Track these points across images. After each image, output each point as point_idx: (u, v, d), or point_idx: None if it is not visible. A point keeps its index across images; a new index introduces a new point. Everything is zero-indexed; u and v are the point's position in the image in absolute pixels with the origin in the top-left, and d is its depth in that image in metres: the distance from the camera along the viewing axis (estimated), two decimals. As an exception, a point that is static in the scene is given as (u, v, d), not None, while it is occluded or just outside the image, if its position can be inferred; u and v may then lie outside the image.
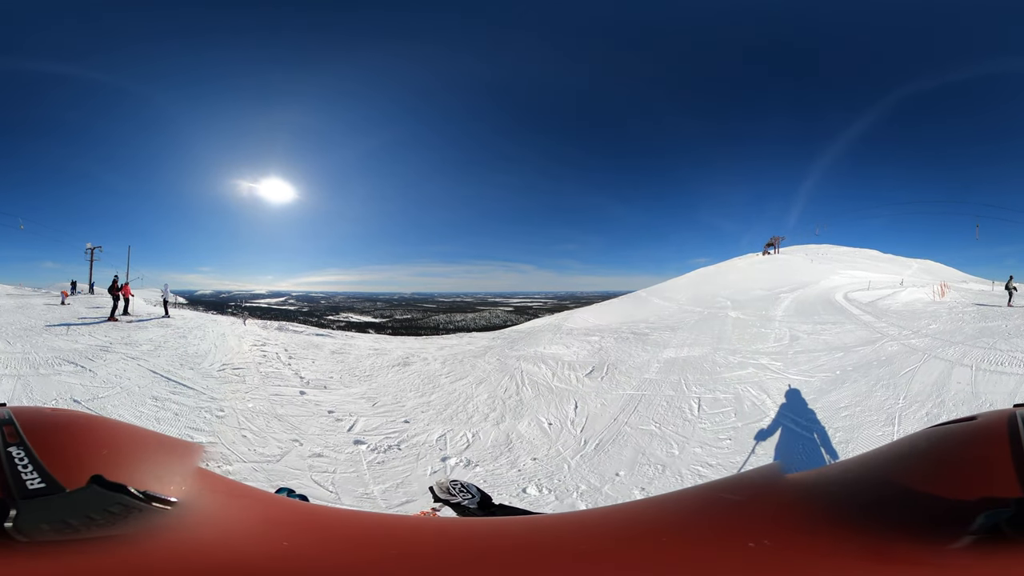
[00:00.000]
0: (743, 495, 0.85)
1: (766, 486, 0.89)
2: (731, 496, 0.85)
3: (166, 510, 0.72)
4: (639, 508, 0.90)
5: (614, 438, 6.95)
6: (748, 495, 0.85)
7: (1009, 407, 0.83)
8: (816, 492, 0.82)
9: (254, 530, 0.80)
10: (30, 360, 9.46)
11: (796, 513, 0.77)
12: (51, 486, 0.69)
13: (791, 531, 0.73)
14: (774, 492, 0.85)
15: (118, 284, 16.57)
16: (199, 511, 0.77)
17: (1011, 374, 7.78)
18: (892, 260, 47.48)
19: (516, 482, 5.85)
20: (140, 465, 0.85)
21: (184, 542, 0.69)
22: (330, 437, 7.04)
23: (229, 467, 5.78)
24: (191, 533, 0.71)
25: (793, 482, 0.87)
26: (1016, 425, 0.75)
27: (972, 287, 25.92)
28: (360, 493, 5.44)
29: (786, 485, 0.87)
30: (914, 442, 0.87)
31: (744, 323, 15.69)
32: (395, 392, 9.74)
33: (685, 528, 0.79)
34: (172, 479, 0.82)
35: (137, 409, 7.35)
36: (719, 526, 0.77)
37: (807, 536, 0.71)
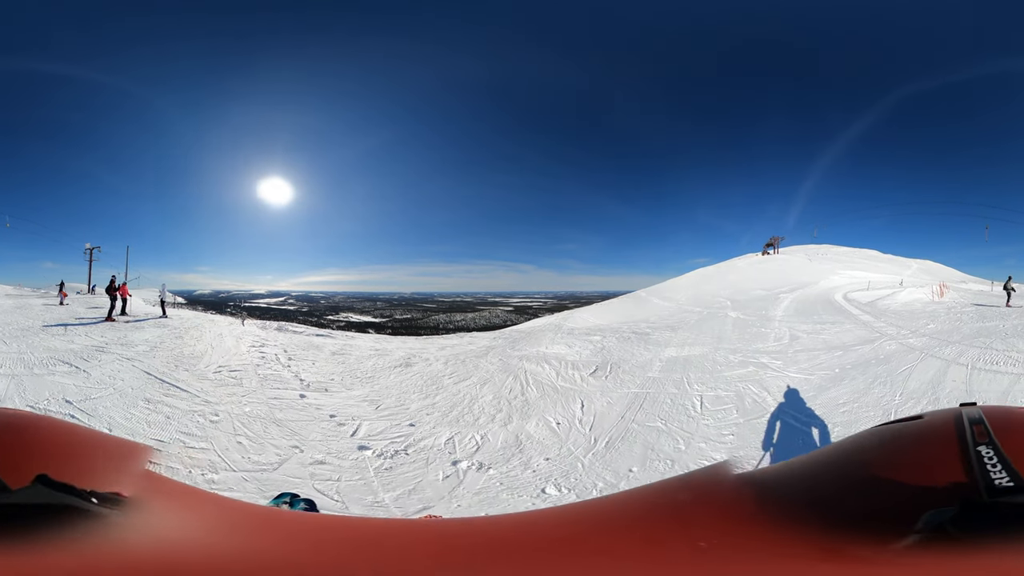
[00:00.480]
0: (691, 494, 0.86)
1: (714, 485, 0.89)
2: (679, 495, 0.86)
3: (113, 511, 0.70)
4: (587, 508, 0.90)
5: (623, 435, 7.03)
6: (696, 494, 0.86)
7: (955, 406, 0.85)
8: (764, 490, 0.82)
9: (206, 532, 0.78)
10: (25, 360, 9.44)
11: (743, 511, 0.78)
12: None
13: (737, 529, 0.73)
14: (721, 491, 0.86)
15: (115, 284, 16.45)
16: (148, 512, 0.75)
17: (1005, 373, 7.93)
18: (892, 260, 47.59)
19: (533, 483, 5.82)
20: (87, 465, 0.84)
21: (132, 543, 0.67)
22: (332, 443, 6.86)
23: (215, 475, 5.56)
24: (139, 534, 0.69)
25: (741, 481, 0.88)
26: (962, 424, 0.76)
27: (971, 287, 26.08)
28: (370, 501, 5.32)
29: (734, 484, 0.87)
30: (862, 441, 0.88)
31: (744, 323, 15.84)
32: (398, 394, 9.58)
33: (632, 527, 0.78)
34: (120, 480, 0.80)
35: (128, 411, 7.23)
36: (666, 525, 0.77)
37: (753, 534, 0.72)
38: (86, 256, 33.28)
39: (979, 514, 0.59)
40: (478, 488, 5.68)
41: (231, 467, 5.82)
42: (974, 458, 0.68)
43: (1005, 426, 0.74)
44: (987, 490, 0.62)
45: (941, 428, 0.78)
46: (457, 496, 5.49)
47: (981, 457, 0.67)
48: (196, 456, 5.96)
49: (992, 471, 0.64)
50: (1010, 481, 0.62)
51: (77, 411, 6.99)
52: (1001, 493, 0.61)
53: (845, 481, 0.78)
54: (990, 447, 0.69)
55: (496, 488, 5.69)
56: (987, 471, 0.65)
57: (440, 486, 5.72)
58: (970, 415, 0.78)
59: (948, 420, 0.79)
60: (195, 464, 5.75)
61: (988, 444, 0.69)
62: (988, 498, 0.61)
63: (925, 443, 0.79)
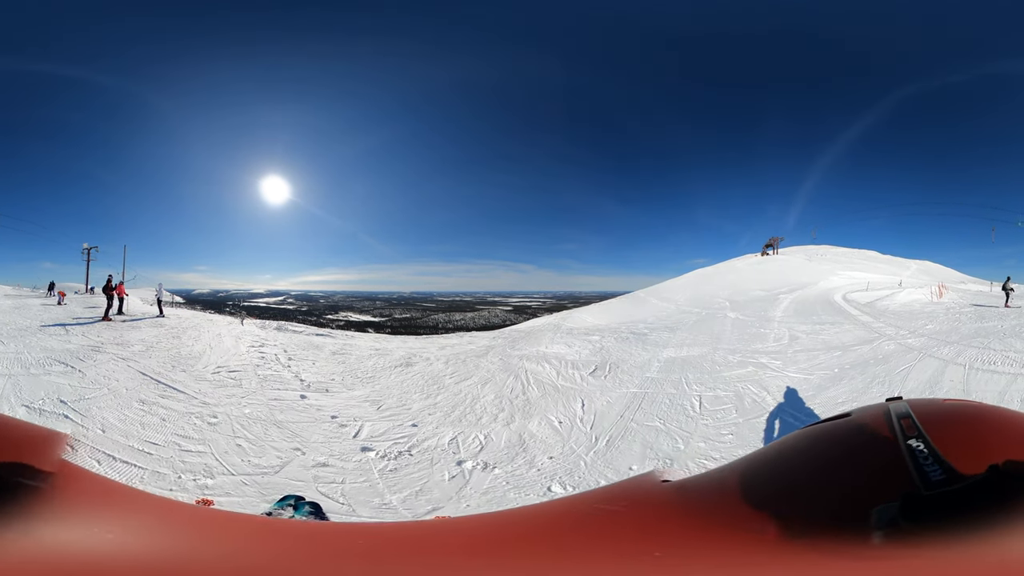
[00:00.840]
0: (619, 505, 0.84)
1: (643, 495, 0.88)
2: (606, 507, 0.84)
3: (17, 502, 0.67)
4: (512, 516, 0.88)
5: (623, 434, 7.06)
6: (624, 505, 0.84)
7: (882, 402, 0.85)
8: (694, 497, 0.82)
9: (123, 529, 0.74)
10: (22, 360, 9.39)
11: (673, 520, 0.77)
12: None
13: (668, 539, 0.73)
14: (651, 500, 0.85)
15: (112, 283, 16.41)
16: (58, 505, 0.71)
17: (1002, 373, 7.97)
18: (891, 261, 47.72)
19: (539, 481, 5.84)
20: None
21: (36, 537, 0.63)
22: (335, 444, 6.75)
23: (210, 480, 5.42)
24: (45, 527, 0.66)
25: (671, 489, 0.87)
26: (891, 420, 0.77)
27: (970, 288, 26.15)
28: (377, 504, 5.24)
29: (664, 493, 0.86)
30: (794, 443, 0.88)
31: (743, 323, 15.87)
32: (399, 394, 9.54)
33: (559, 537, 0.77)
34: (30, 471, 0.76)
35: (122, 412, 7.09)
36: (593, 536, 0.76)
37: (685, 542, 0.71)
38: (84, 256, 33.28)
39: (921, 506, 0.60)
40: (485, 488, 5.68)
41: (230, 471, 5.71)
42: (906, 453, 0.69)
43: (932, 419, 0.75)
44: (924, 484, 0.63)
45: (872, 425, 0.79)
46: (465, 496, 5.49)
47: (913, 451, 0.68)
48: (190, 460, 5.85)
49: (925, 464, 0.66)
50: (942, 474, 0.64)
51: (71, 411, 6.95)
52: (936, 486, 0.62)
53: (780, 483, 0.78)
54: (920, 440, 0.70)
55: (503, 487, 5.70)
56: (921, 464, 0.66)
57: (447, 486, 5.70)
58: (897, 410, 0.79)
59: (876, 416, 0.80)
60: (188, 469, 5.64)
61: (918, 437, 0.71)
62: (925, 491, 0.62)
63: (858, 440, 0.79)
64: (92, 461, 5.60)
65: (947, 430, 0.73)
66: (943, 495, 0.61)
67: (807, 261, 42.25)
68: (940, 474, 0.64)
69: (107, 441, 6.14)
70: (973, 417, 0.80)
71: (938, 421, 0.75)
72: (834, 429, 0.85)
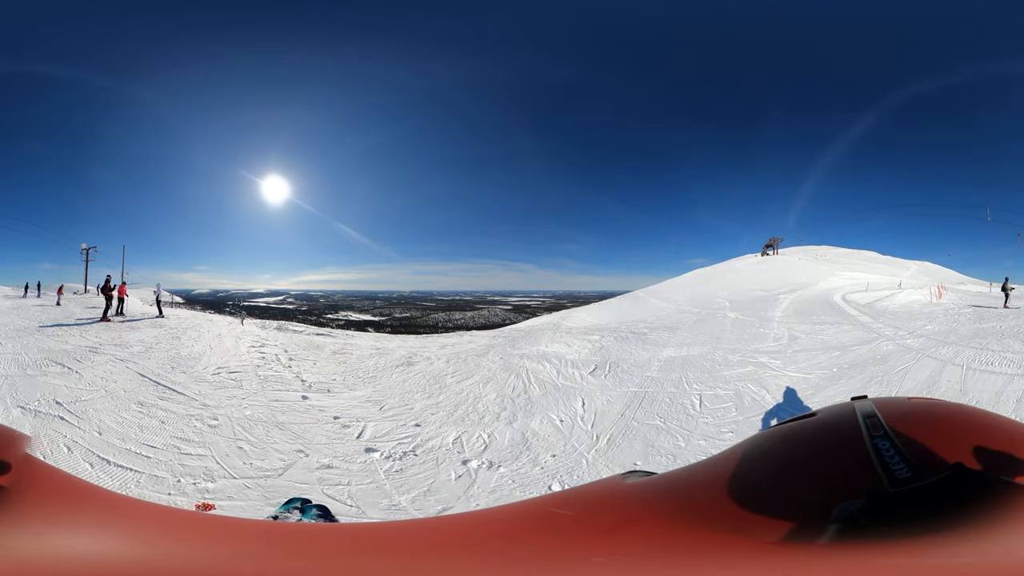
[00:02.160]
0: (576, 509, 0.84)
1: (602, 499, 0.88)
2: (562, 511, 0.83)
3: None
4: (469, 519, 0.88)
5: (623, 433, 7.11)
6: (581, 509, 0.84)
7: (847, 400, 0.86)
8: (658, 500, 0.82)
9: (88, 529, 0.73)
10: (19, 361, 9.37)
11: (627, 523, 0.76)
12: None
13: (616, 542, 0.72)
14: (610, 505, 0.84)
15: (111, 284, 16.29)
16: (20, 504, 0.70)
17: (1000, 373, 8.03)
18: (891, 262, 47.78)
19: (541, 479, 5.87)
20: None
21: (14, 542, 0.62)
22: (338, 446, 6.72)
23: (211, 484, 5.38)
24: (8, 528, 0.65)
25: (634, 491, 0.86)
26: (857, 418, 0.77)
27: (970, 288, 26.19)
28: (386, 505, 5.23)
29: (625, 496, 0.86)
30: (759, 442, 0.88)
31: (743, 323, 15.92)
32: (401, 394, 9.53)
33: (515, 539, 0.77)
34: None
35: (120, 415, 7.03)
36: (548, 541, 0.75)
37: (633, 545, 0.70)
38: (83, 256, 33.29)
39: (886, 504, 0.61)
40: (492, 487, 5.72)
41: (231, 474, 5.65)
42: (872, 451, 0.69)
43: (897, 418, 0.76)
44: (890, 482, 0.64)
45: (838, 423, 0.80)
46: (474, 496, 5.51)
47: (879, 450, 0.69)
48: (190, 464, 5.81)
49: (891, 463, 0.66)
50: (908, 472, 0.65)
51: (67, 412, 6.89)
52: (903, 483, 0.63)
53: (745, 482, 0.78)
54: (886, 440, 0.71)
55: (509, 486, 5.74)
56: (887, 463, 0.67)
57: (454, 486, 5.70)
58: (863, 409, 0.80)
59: (843, 416, 0.81)
60: (187, 472, 5.59)
61: (883, 437, 0.72)
62: (891, 489, 0.63)
63: (824, 439, 0.80)
64: (86, 464, 5.54)
65: (912, 428, 0.74)
66: (907, 492, 0.61)
67: (807, 261, 42.30)
68: (906, 472, 0.65)
69: (103, 444, 6.10)
70: (938, 415, 0.82)
71: (903, 420, 0.77)
72: (800, 429, 0.86)
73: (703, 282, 33.91)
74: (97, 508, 0.81)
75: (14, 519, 0.66)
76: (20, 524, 0.65)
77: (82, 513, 0.77)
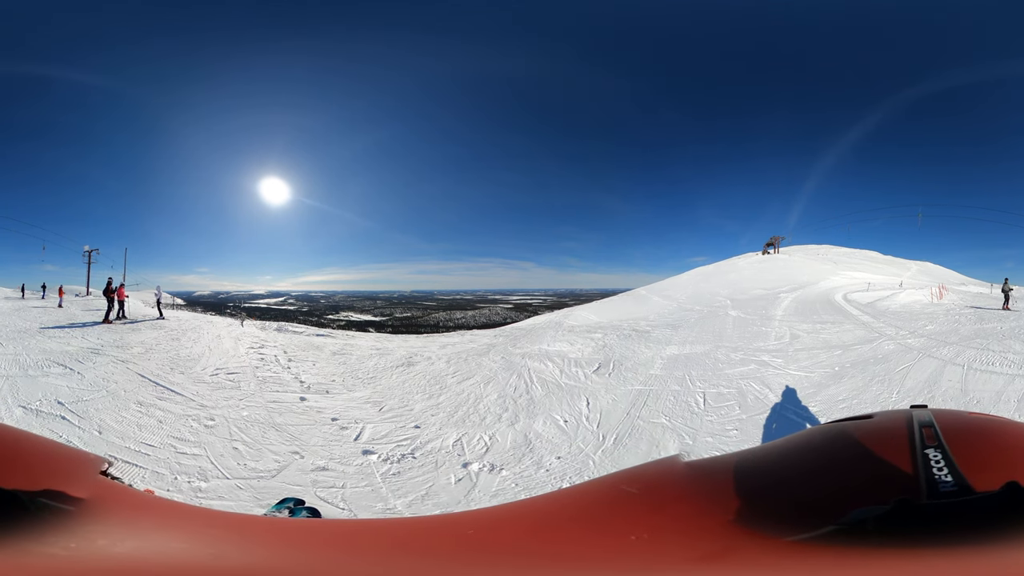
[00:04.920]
0: (638, 486, 0.87)
1: (661, 477, 0.91)
2: (628, 488, 0.86)
3: (59, 519, 0.70)
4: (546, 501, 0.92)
5: (629, 432, 7.07)
6: (642, 486, 0.87)
7: (906, 407, 0.87)
8: (707, 481, 0.84)
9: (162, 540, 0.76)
10: (20, 361, 9.45)
11: (681, 503, 0.79)
12: None
13: (670, 521, 0.75)
14: (666, 484, 0.88)
15: (112, 286, 16.38)
16: (98, 521, 0.74)
17: (1000, 373, 8.08)
18: (892, 262, 47.87)
19: (547, 482, 5.78)
20: (37, 473, 0.83)
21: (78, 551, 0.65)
22: (335, 448, 6.65)
23: (204, 483, 5.41)
24: (87, 542, 0.68)
25: (688, 472, 0.89)
26: (912, 426, 0.77)
27: (970, 289, 26.24)
28: (380, 508, 5.19)
29: (679, 476, 0.89)
30: (811, 436, 0.90)
31: (745, 322, 15.98)
32: (401, 395, 9.44)
33: (580, 519, 0.80)
34: (71, 489, 0.78)
35: (120, 414, 7.14)
36: (611, 517, 0.78)
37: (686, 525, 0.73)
38: (85, 259, 33.37)
39: (909, 515, 0.60)
40: (494, 490, 5.62)
41: (224, 474, 5.64)
42: (920, 460, 0.69)
43: (955, 431, 0.75)
44: (929, 492, 0.63)
45: (890, 429, 0.80)
46: (475, 500, 5.43)
47: (928, 460, 0.69)
48: (184, 463, 5.81)
49: (938, 474, 0.66)
50: (954, 485, 0.64)
51: (68, 412, 6.98)
52: (943, 496, 0.63)
53: (788, 474, 0.79)
54: (938, 450, 0.70)
55: (512, 489, 5.63)
56: (932, 473, 0.66)
57: (454, 490, 5.59)
58: (920, 418, 0.80)
59: (898, 421, 0.81)
60: (182, 471, 5.61)
61: (937, 447, 0.71)
62: (928, 500, 0.63)
63: (873, 442, 0.79)
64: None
65: (968, 442, 0.73)
66: (943, 505, 0.61)
67: (808, 260, 42.33)
68: (952, 485, 0.64)
69: (103, 443, 6.16)
70: (997, 432, 0.80)
71: (960, 433, 0.76)
72: (850, 428, 0.86)
73: (704, 280, 33.98)
74: (164, 517, 0.87)
75: (92, 530, 0.70)
76: (98, 534, 0.70)
77: (151, 522, 0.82)
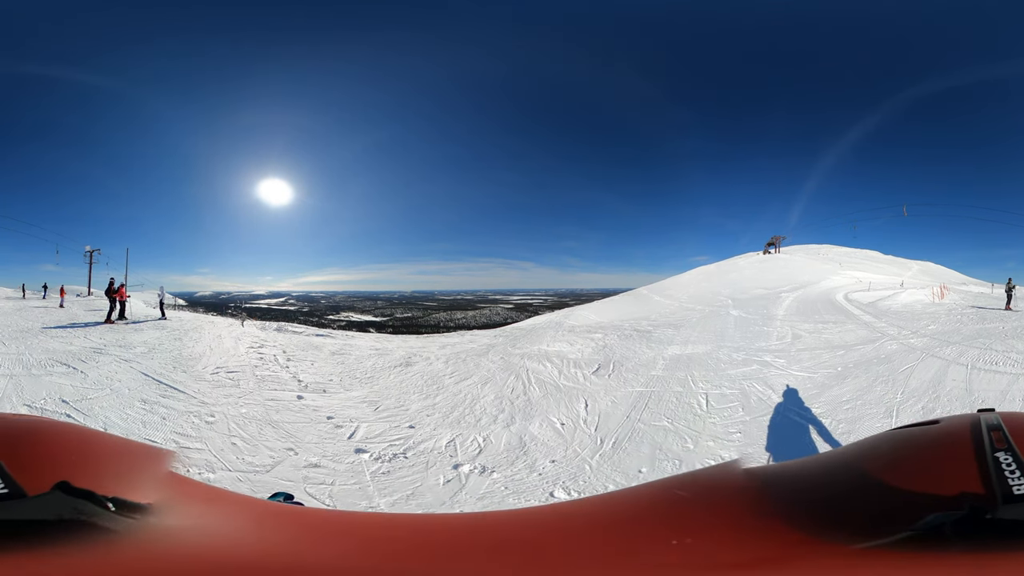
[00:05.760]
0: (693, 491, 0.86)
1: (718, 483, 0.90)
2: (682, 492, 0.86)
3: (135, 516, 0.71)
4: (597, 503, 0.92)
5: (629, 435, 6.95)
6: (697, 491, 0.87)
7: (973, 411, 0.85)
8: (769, 488, 0.83)
9: (240, 534, 0.79)
10: (23, 361, 9.54)
11: (736, 510, 0.78)
12: (13, 491, 0.67)
13: (723, 528, 0.74)
14: (723, 489, 0.87)
15: (114, 286, 16.33)
16: (172, 516, 0.76)
17: (1004, 373, 8.02)
18: (892, 261, 47.72)
19: (540, 486, 5.70)
20: (111, 472, 0.84)
21: (153, 547, 0.67)
22: (329, 445, 6.72)
23: (212, 475, 5.59)
24: (166, 538, 0.70)
25: (747, 479, 0.88)
26: (979, 430, 0.75)
27: (971, 289, 26.16)
28: (364, 506, 5.19)
29: (738, 482, 0.88)
30: (877, 444, 0.88)
31: (746, 321, 15.92)
32: (398, 395, 9.44)
33: (631, 523, 0.79)
34: (145, 486, 0.80)
35: (124, 412, 7.28)
36: (663, 522, 0.78)
37: (743, 532, 0.72)
38: (86, 259, 33.36)
39: (983, 521, 0.59)
40: (481, 493, 5.57)
41: (226, 467, 5.85)
42: (991, 464, 0.68)
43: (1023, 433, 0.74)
44: (1003, 496, 0.62)
45: (957, 433, 0.78)
46: (460, 502, 5.39)
47: (999, 463, 0.67)
48: (193, 456, 5.99)
49: (1010, 477, 0.65)
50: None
51: (73, 411, 7.07)
52: (1018, 500, 0.62)
53: (854, 482, 0.78)
54: (1008, 453, 0.69)
55: (501, 492, 5.57)
56: (1005, 477, 0.65)
57: (440, 491, 5.56)
58: (988, 421, 0.78)
59: (965, 426, 0.79)
60: (192, 463, 5.77)
61: (1007, 450, 0.69)
62: (1002, 503, 0.62)
63: (940, 448, 0.79)
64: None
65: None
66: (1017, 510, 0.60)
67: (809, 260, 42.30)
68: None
69: None
70: None
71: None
72: (917, 434, 0.85)
73: (706, 279, 33.92)
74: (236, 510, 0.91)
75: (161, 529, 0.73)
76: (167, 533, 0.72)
77: (223, 518, 0.86)
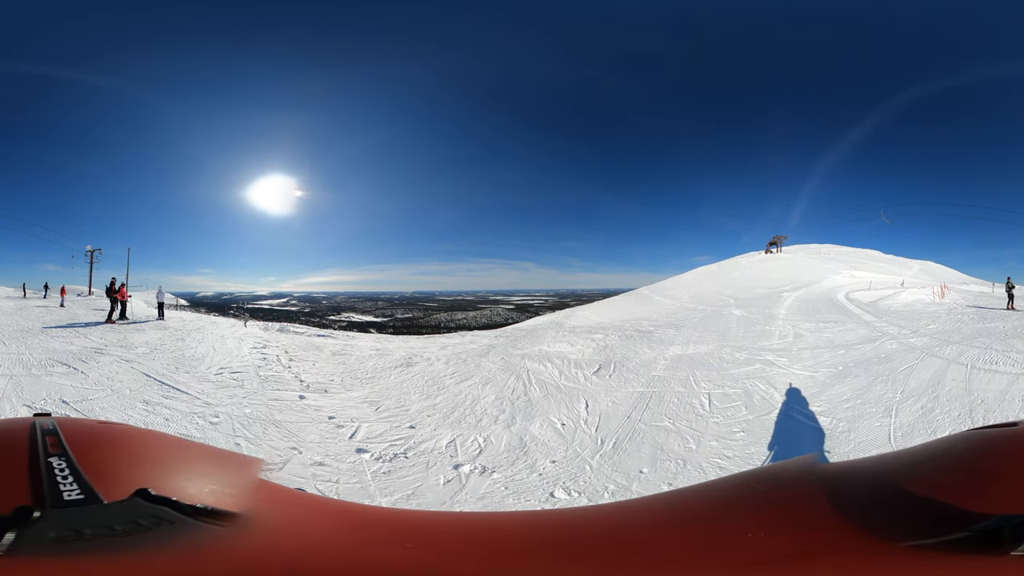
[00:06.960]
0: (768, 486, 0.87)
1: (793, 478, 0.90)
2: (759, 487, 0.88)
3: (219, 523, 0.71)
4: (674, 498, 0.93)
5: (630, 436, 6.93)
6: (772, 486, 0.87)
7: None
8: (838, 486, 0.82)
9: (330, 540, 0.79)
10: (24, 361, 9.54)
11: (808, 506, 0.78)
12: (89, 497, 0.68)
13: (795, 523, 0.75)
14: (798, 484, 0.86)
15: (115, 286, 16.37)
16: (261, 524, 0.76)
17: (1004, 373, 8.02)
18: (893, 261, 47.72)
19: (540, 487, 5.68)
20: (193, 479, 0.85)
21: (244, 555, 0.67)
22: (331, 445, 6.75)
23: None
24: (254, 545, 0.70)
25: (820, 474, 0.88)
26: None
27: (972, 288, 26.17)
28: None
29: (812, 478, 0.87)
30: (950, 444, 0.87)
31: (748, 321, 15.93)
32: (398, 395, 9.46)
33: (707, 518, 0.81)
34: (229, 492, 0.81)
35: (126, 413, 7.22)
36: (740, 516, 0.79)
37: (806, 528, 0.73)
38: (87, 259, 33.42)
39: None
40: (481, 493, 5.55)
41: None
42: None
43: None
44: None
45: None
46: (460, 502, 5.39)
47: None
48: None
49: None
50: None
51: (73, 412, 7.03)
52: None
53: (924, 482, 0.76)
54: None
55: (501, 492, 5.56)
56: None
57: (440, 491, 5.56)
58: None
59: None
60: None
61: None
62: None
63: (1017, 451, 0.77)
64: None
65: None
66: None
67: (810, 260, 42.27)
68: None
69: None
70: None
71: None
72: (994, 436, 0.84)
73: (707, 279, 33.95)
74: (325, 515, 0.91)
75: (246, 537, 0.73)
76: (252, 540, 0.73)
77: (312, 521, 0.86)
